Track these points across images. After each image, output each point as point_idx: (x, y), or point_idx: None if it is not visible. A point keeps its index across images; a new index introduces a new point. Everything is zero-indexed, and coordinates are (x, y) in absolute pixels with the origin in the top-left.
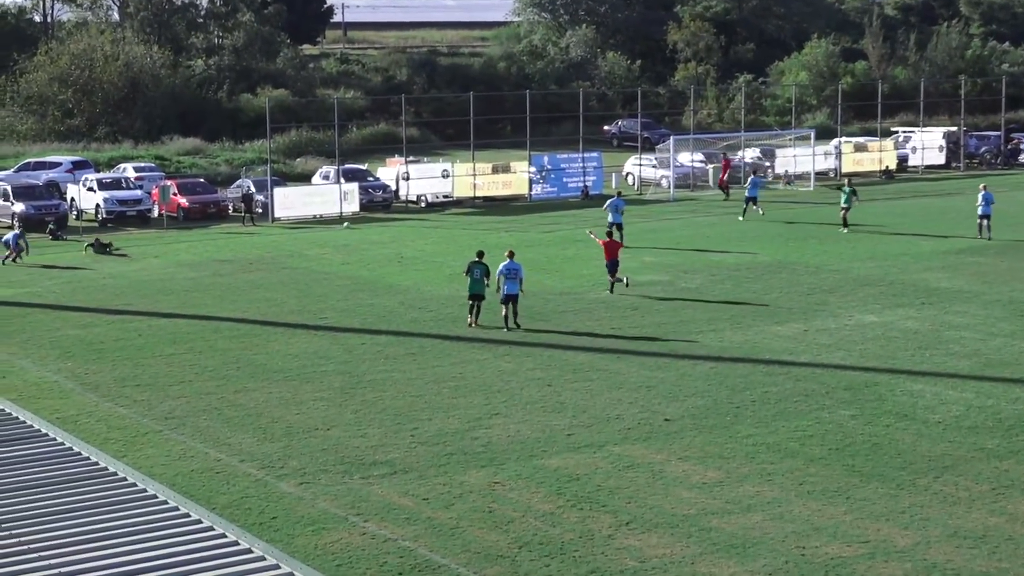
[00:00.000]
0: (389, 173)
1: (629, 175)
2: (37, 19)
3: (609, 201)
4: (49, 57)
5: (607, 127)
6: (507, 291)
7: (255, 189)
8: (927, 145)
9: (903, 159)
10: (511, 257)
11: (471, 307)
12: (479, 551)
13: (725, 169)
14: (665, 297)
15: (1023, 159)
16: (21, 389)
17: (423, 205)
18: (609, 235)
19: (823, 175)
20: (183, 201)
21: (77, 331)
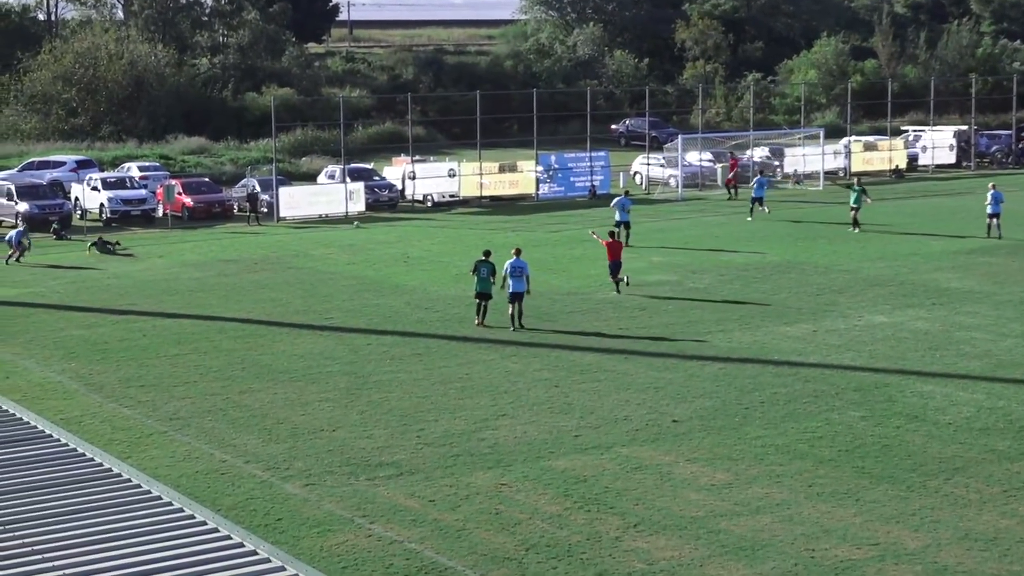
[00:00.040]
0: (395, 172)
1: (637, 174)
2: (41, 17)
3: (616, 199)
4: (53, 56)
5: (614, 126)
6: (513, 289)
7: (260, 188)
8: (937, 144)
9: (913, 158)
10: (518, 255)
11: (478, 306)
12: (486, 553)
13: (733, 168)
14: (673, 297)
15: None
16: (25, 390)
17: (429, 205)
18: (612, 235)
19: (832, 174)
20: (188, 200)
21: (81, 331)
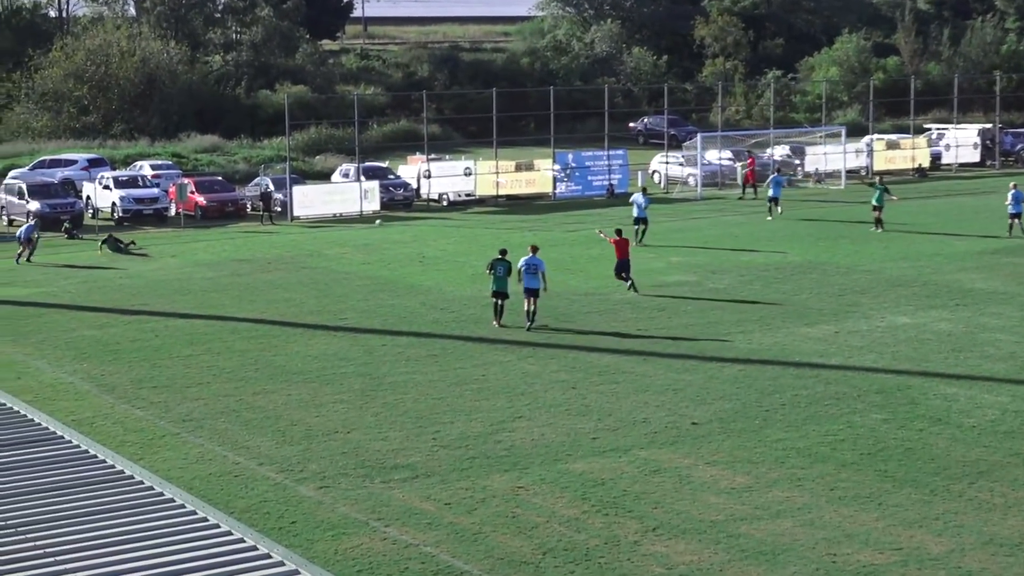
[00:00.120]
0: (410, 171)
1: (656, 173)
2: (52, 14)
3: (632, 196)
4: (64, 53)
5: (633, 124)
6: (526, 284)
7: (274, 187)
8: (961, 143)
9: (936, 157)
10: (534, 252)
11: (495, 306)
12: (502, 557)
13: (751, 167)
14: (693, 298)
15: None
16: (37, 390)
17: (445, 204)
18: (619, 233)
19: (854, 173)
20: (201, 199)
21: (93, 332)
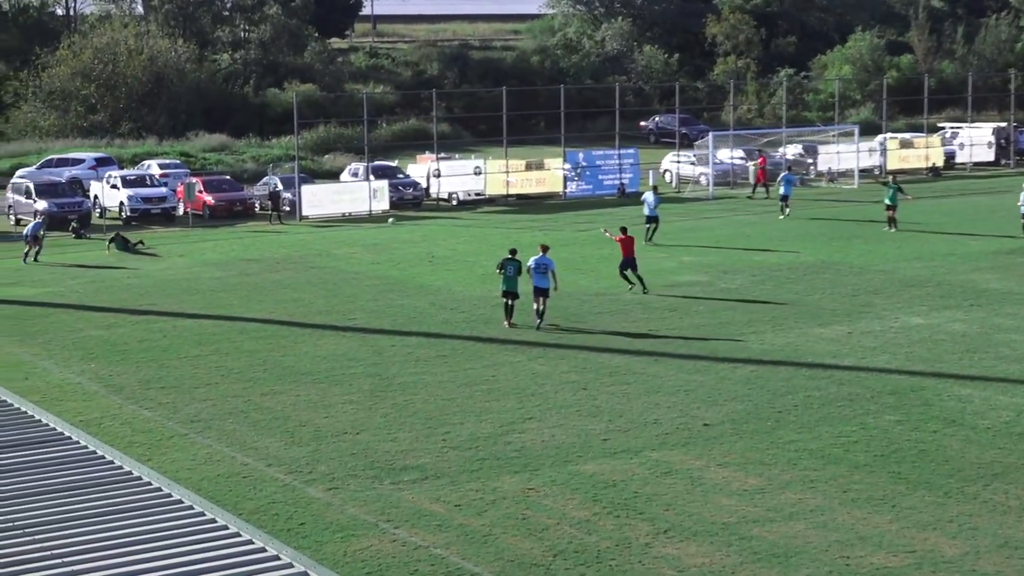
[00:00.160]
0: (420, 170)
1: (667, 172)
2: (59, 12)
3: (644, 195)
4: (72, 51)
5: (644, 123)
6: (536, 284)
7: (282, 186)
8: (975, 141)
9: (950, 156)
10: (544, 252)
11: (506, 306)
12: (512, 559)
13: (761, 166)
14: (704, 298)
15: None
16: (44, 391)
17: (455, 203)
18: (623, 231)
19: (867, 172)
20: (209, 199)
21: (101, 332)
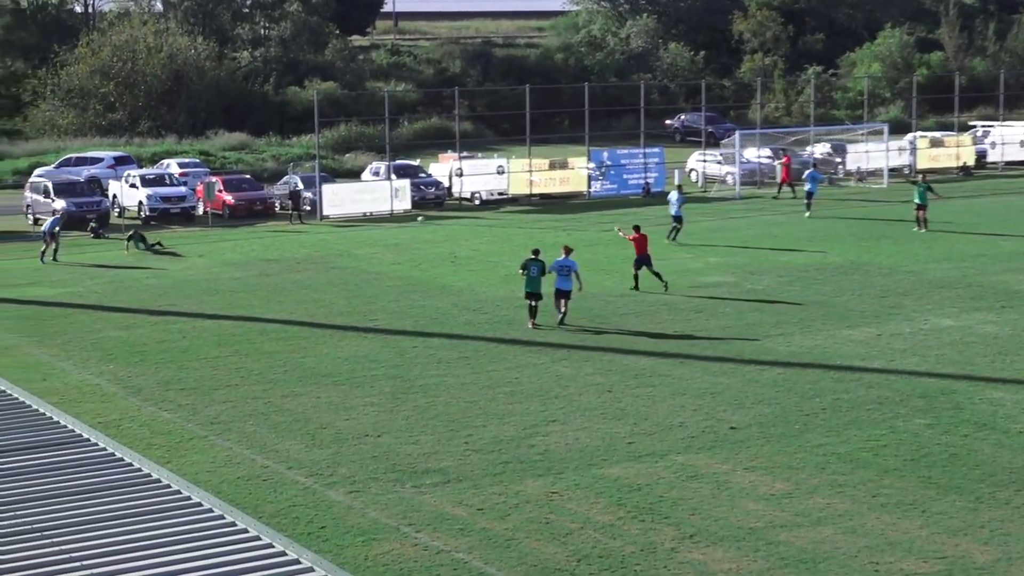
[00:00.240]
0: (442, 169)
1: (693, 171)
2: (78, 10)
3: (670, 194)
4: (90, 49)
5: (669, 121)
6: (558, 286)
7: (303, 186)
8: (1007, 140)
9: (982, 155)
10: (567, 253)
11: (530, 307)
12: (536, 564)
13: (786, 166)
14: (731, 299)
15: None
16: (62, 392)
17: (477, 203)
18: (637, 229)
19: (897, 172)
20: (228, 198)
21: (119, 332)
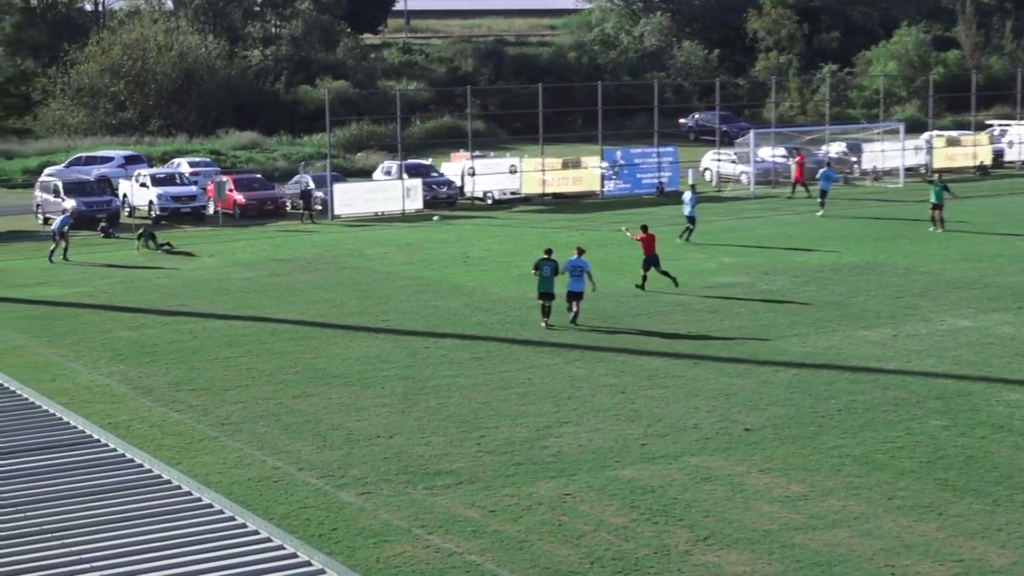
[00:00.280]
0: (454, 168)
1: (707, 171)
2: (88, 8)
3: (684, 194)
4: (100, 47)
5: (683, 120)
6: (570, 288)
7: (314, 185)
8: None
9: (999, 154)
10: (580, 254)
11: (542, 307)
12: (548, 566)
13: (799, 165)
14: (745, 299)
15: None
16: (72, 393)
17: (489, 202)
18: (644, 229)
19: (913, 171)
20: (239, 198)
21: (130, 333)
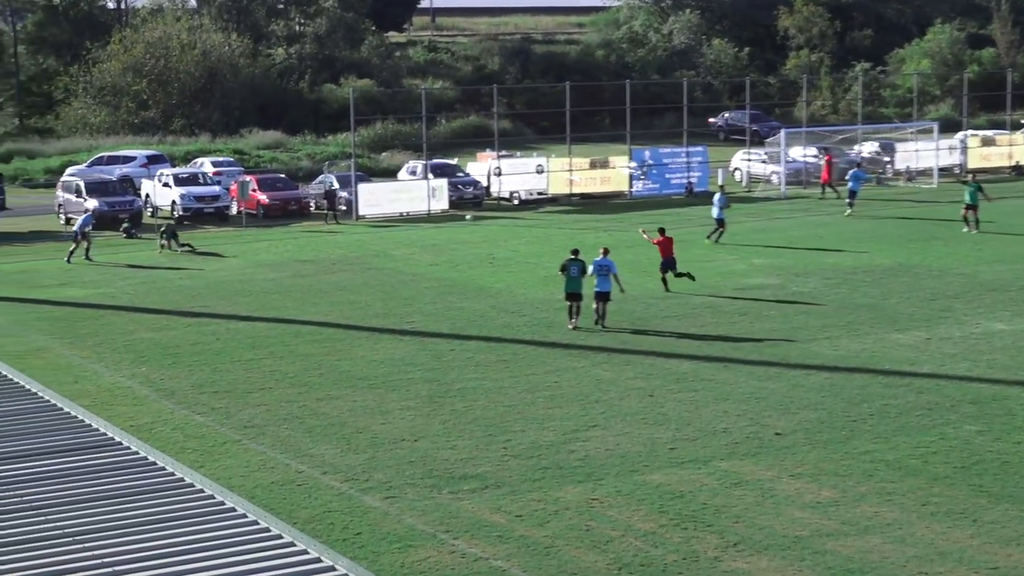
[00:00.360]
0: (480, 168)
1: (737, 171)
2: (111, 6)
3: (715, 194)
4: (123, 46)
5: (713, 119)
6: (597, 288)
7: (338, 185)
8: None
9: None
10: (605, 254)
11: (570, 308)
12: (576, 572)
13: (827, 167)
14: (776, 301)
15: None
16: (94, 395)
17: (516, 202)
18: (661, 231)
19: (947, 171)
20: (263, 198)
21: (152, 334)
